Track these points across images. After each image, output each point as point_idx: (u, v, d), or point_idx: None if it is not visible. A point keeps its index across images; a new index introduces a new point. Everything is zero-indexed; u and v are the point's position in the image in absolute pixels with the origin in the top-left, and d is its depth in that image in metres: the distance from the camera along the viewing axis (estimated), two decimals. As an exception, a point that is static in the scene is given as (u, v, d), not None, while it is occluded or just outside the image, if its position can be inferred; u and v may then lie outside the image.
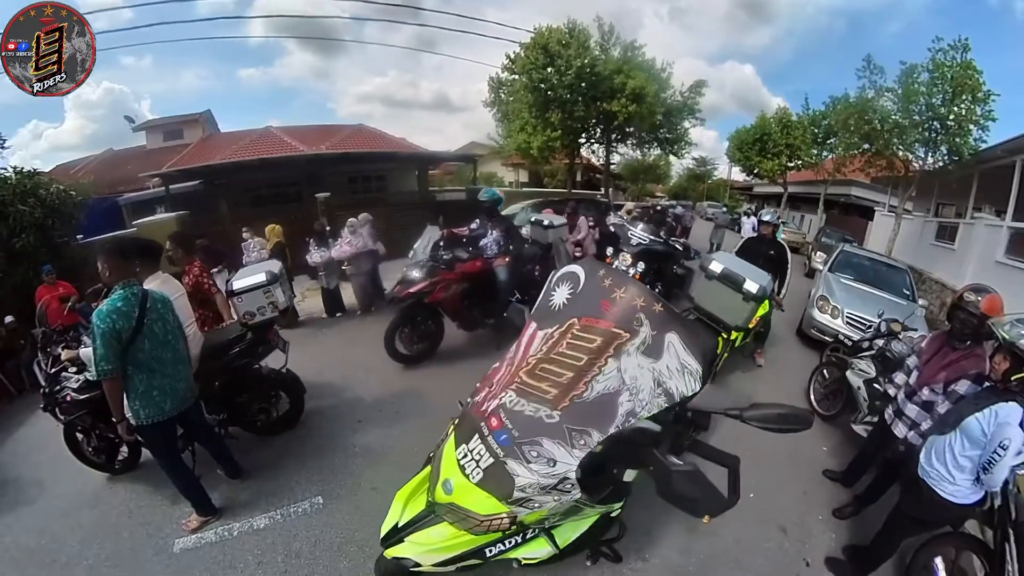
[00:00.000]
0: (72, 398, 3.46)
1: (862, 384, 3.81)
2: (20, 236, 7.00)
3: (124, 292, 2.64)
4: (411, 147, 17.87)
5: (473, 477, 1.47)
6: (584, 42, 13.58)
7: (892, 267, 7.78)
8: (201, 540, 3.05)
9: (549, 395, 1.47)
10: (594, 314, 1.54)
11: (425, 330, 5.02)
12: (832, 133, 17.11)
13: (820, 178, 19.35)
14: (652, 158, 17.77)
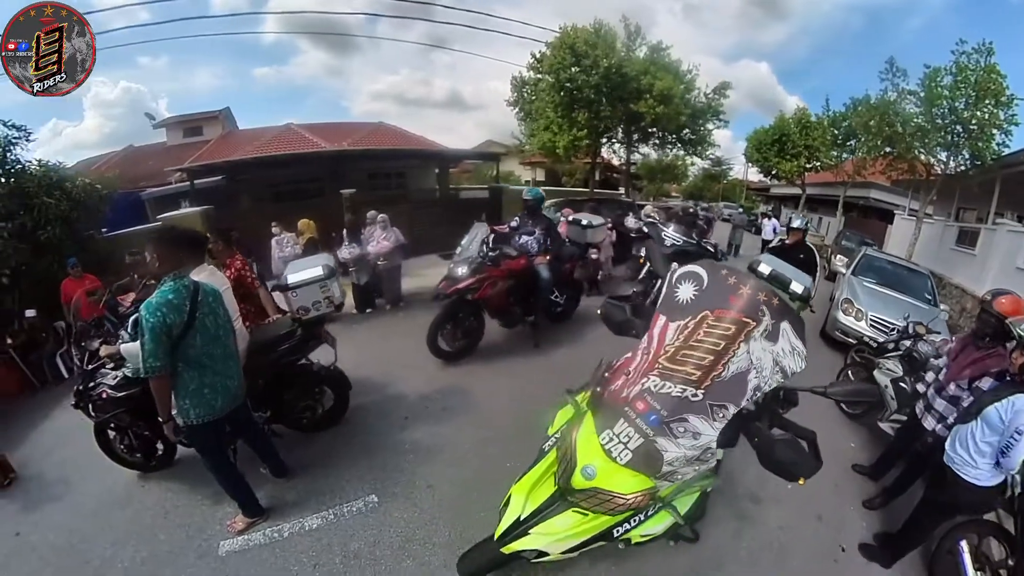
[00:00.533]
0: (108, 395, 3.35)
1: (889, 383, 3.95)
2: (45, 228, 7.00)
3: (175, 284, 2.51)
4: (431, 144, 18.05)
5: (621, 459, 1.66)
6: (611, 42, 13.63)
7: (914, 272, 7.87)
8: (249, 542, 2.98)
9: (693, 376, 1.67)
10: (724, 306, 1.75)
11: (467, 327, 5.10)
12: (852, 135, 16.94)
13: (839, 180, 19.17)
14: (670, 158, 17.83)
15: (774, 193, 29.81)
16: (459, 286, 4.73)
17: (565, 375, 4.48)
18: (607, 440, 1.69)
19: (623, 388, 1.79)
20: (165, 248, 2.60)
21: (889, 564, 2.73)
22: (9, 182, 6.93)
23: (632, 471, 1.65)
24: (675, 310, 1.86)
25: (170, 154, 18.10)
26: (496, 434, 3.79)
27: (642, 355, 1.85)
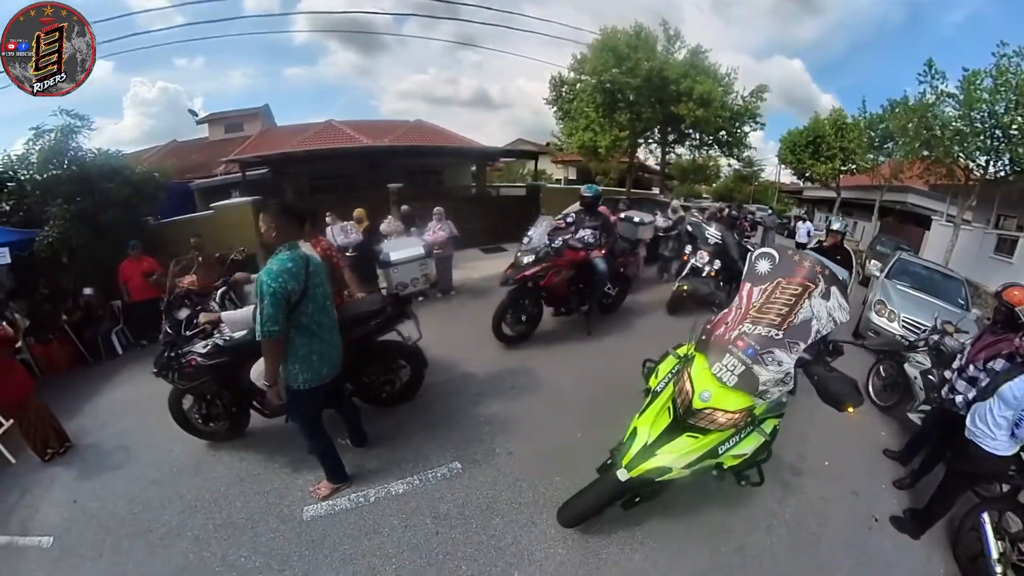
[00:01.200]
0: (198, 363, 3.42)
1: (919, 374, 4.22)
2: (106, 211, 7.30)
3: (292, 254, 2.63)
4: (468, 142, 18.50)
5: (729, 382, 2.18)
6: (652, 45, 13.87)
7: (948, 277, 7.94)
8: (334, 507, 3.09)
9: (776, 322, 2.23)
10: (792, 275, 2.34)
11: (529, 313, 5.41)
12: (890, 137, 16.64)
13: (875, 183, 18.84)
14: (702, 159, 17.93)
15: (807, 196, 29.24)
16: (527, 273, 5.05)
17: (618, 360, 4.92)
18: (718, 370, 2.21)
19: (725, 333, 2.32)
20: (284, 220, 2.70)
21: (917, 536, 2.99)
22: (71, 168, 7.30)
23: (737, 392, 2.16)
24: (757, 278, 2.44)
25: (212, 149, 18.78)
26: (564, 409, 4.10)
27: (736, 311, 2.40)
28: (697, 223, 7.24)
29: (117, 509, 3.35)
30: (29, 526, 3.35)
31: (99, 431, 4.52)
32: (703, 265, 6.45)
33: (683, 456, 2.24)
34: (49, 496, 3.66)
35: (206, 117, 21.76)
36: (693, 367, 2.31)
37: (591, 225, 5.74)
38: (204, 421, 3.83)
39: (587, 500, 2.59)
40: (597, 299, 5.84)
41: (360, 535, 2.90)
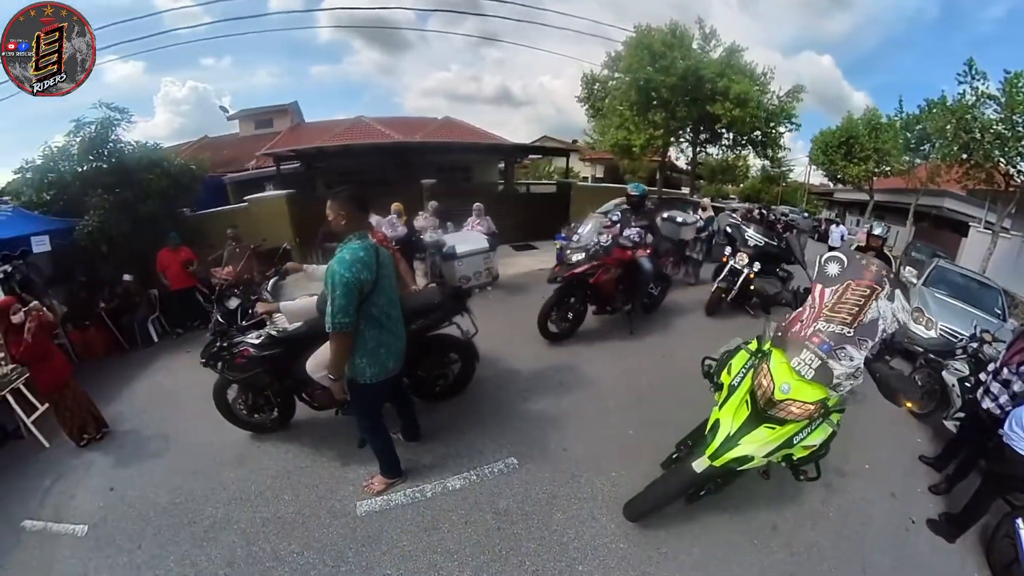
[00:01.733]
0: (250, 354, 3.35)
1: (956, 381, 4.20)
2: (145, 202, 7.53)
3: (364, 243, 2.54)
4: (497, 139, 18.62)
5: (807, 375, 2.31)
6: (688, 44, 13.78)
7: (985, 286, 7.82)
8: (389, 502, 3.04)
9: (847, 320, 2.36)
10: (861, 277, 2.47)
11: (575, 311, 5.43)
12: (926, 139, 16.17)
13: (911, 187, 18.19)
14: (732, 159, 17.74)
15: (838, 198, 28.48)
16: (577, 270, 5.09)
17: (661, 360, 5.01)
18: (796, 364, 2.34)
19: (801, 330, 2.45)
20: (354, 207, 2.60)
21: (952, 540, 3.01)
22: (111, 159, 7.56)
23: (813, 385, 2.30)
24: (828, 280, 2.58)
25: (242, 144, 19.11)
26: (613, 407, 4.13)
27: (809, 310, 2.54)
28: (737, 224, 7.24)
29: (157, 499, 3.31)
30: (63, 512, 3.33)
31: (137, 418, 4.56)
32: (742, 267, 6.48)
33: (763, 446, 2.37)
34: (85, 482, 3.65)
35: (236, 113, 22.14)
36: (771, 361, 2.43)
37: (639, 224, 5.74)
38: (249, 412, 3.79)
39: (658, 493, 2.67)
40: (641, 298, 5.88)
41: (419, 531, 2.85)
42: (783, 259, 6.98)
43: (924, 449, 4.06)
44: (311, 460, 3.56)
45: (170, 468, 3.66)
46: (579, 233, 5.48)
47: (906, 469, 3.78)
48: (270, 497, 3.23)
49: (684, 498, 2.71)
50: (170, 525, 3.07)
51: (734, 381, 2.66)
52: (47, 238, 6.40)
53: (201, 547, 2.86)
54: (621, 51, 14.81)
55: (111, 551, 2.93)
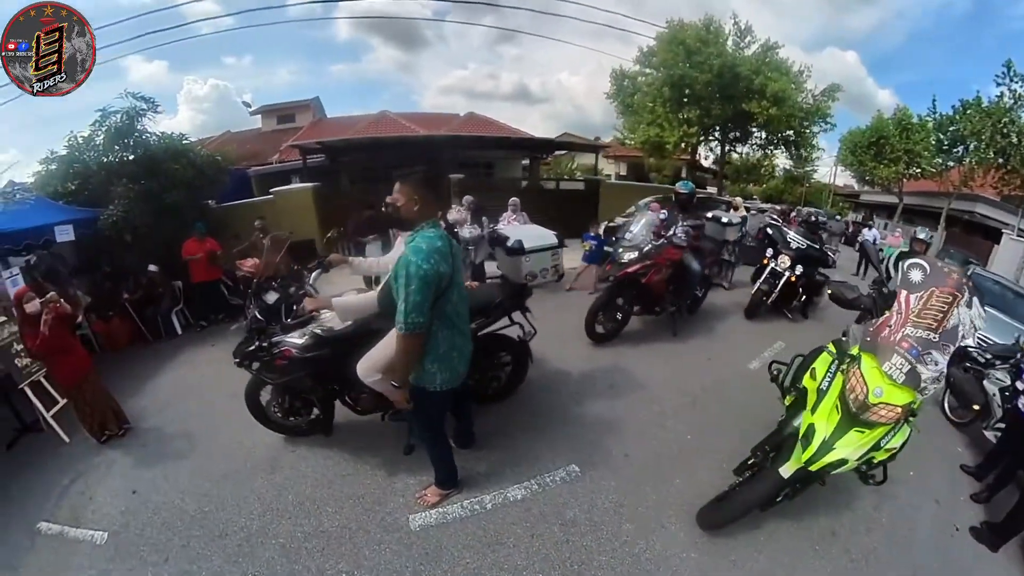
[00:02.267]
0: (293, 356, 3.06)
1: (997, 391, 4.14)
2: (170, 192, 7.43)
3: (439, 231, 2.28)
4: (521, 134, 18.63)
5: (898, 379, 2.34)
6: (723, 41, 13.63)
7: (1020, 295, 7.71)
8: (446, 515, 2.85)
9: (932, 326, 2.39)
10: (944, 285, 2.49)
11: (623, 311, 5.37)
12: (960, 141, 15.85)
13: (942, 190, 17.82)
14: (759, 158, 17.53)
15: (865, 200, 28.11)
16: (630, 270, 5.02)
17: (708, 362, 4.99)
18: (888, 368, 2.37)
19: (890, 336, 2.47)
20: (429, 191, 2.30)
21: (995, 549, 2.97)
22: (137, 149, 7.51)
23: (903, 388, 2.34)
24: (912, 287, 2.60)
25: (265, 138, 19.39)
26: (667, 411, 4.04)
27: (896, 315, 2.56)
28: (778, 226, 7.17)
29: (185, 505, 3.12)
30: (82, 516, 3.15)
31: (160, 414, 4.42)
32: (784, 270, 6.43)
33: (857, 449, 2.40)
34: (105, 483, 3.47)
35: (259, 108, 22.49)
36: (862, 366, 2.47)
37: (690, 224, 5.65)
38: (285, 415, 3.53)
39: (741, 501, 2.63)
40: (687, 300, 5.83)
41: (482, 547, 2.66)
42: (823, 263, 6.93)
43: (964, 458, 4.02)
44: (353, 468, 3.33)
45: (197, 471, 3.46)
46: (631, 231, 5.40)
47: (948, 477, 3.75)
48: (311, 509, 3.01)
49: (757, 508, 2.71)
50: (200, 536, 2.86)
51: (821, 385, 2.66)
52: (71, 227, 6.32)
53: (236, 563, 2.65)
54: (653, 47, 14.69)
55: (133, 563, 2.72)
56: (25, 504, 3.37)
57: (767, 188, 29.10)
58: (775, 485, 2.56)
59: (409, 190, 2.26)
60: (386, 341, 2.71)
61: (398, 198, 2.28)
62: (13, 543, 3.05)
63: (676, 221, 5.53)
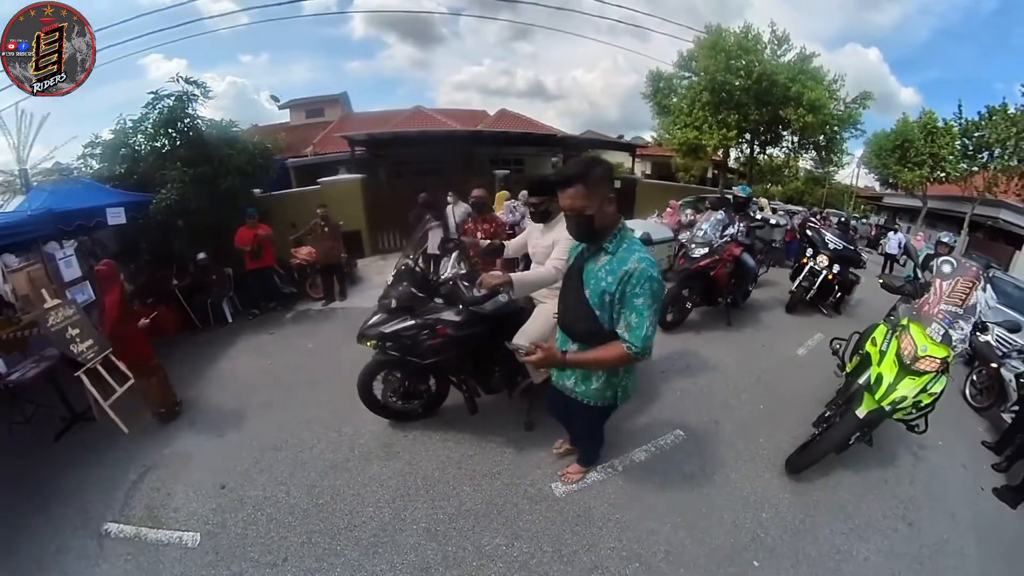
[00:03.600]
0: (447, 334, 3.09)
1: (1013, 377, 4.78)
2: (225, 178, 7.22)
3: (634, 238, 2.07)
4: (554, 131, 19.05)
5: (937, 339, 3.07)
6: (762, 48, 14.16)
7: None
8: (584, 481, 3.11)
9: (959, 303, 3.17)
10: (966, 275, 3.29)
11: (692, 302, 5.97)
12: (985, 147, 16.21)
13: (966, 195, 18.11)
14: (785, 160, 17.94)
15: (888, 204, 28.33)
16: (702, 263, 5.65)
17: (762, 347, 5.64)
18: (930, 332, 3.13)
19: (929, 310, 3.28)
20: (611, 184, 2.03)
21: (1015, 506, 3.56)
22: (190, 134, 7.28)
23: (941, 346, 3.06)
24: (944, 276, 3.40)
25: (294, 132, 19.54)
26: (739, 386, 4.63)
27: (933, 296, 3.36)
28: (817, 228, 7.81)
29: (292, 500, 3.00)
30: (162, 516, 2.94)
31: (231, 403, 4.32)
32: (822, 269, 7.03)
33: (911, 390, 3.06)
34: (184, 479, 3.28)
35: (288, 103, 22.63)
36: (911, 331, 3.23)
37: (752, 224, 6.31)
38: (405, 398, 3.59)
39: (825, 443, 3.27)
40: (742, 293, 6.46)
41: (624, 502, 2.98)
42: (856, 263, 7.52)
43: (984, 437, 4.62)
44: (476, 448, 3.44)
45: (295, 462, 3.31)
46: (704, 228, 6.01)
47: (971, 450, 4.33)
48: (446, 491, 3.05)
49: (834, 451, 3.30)
50: (323, 531, 2.75)
51: (882, 348, 3.38)
52: (122, 210, 6.16)
53: (376, 554, 2.60)
54: (692, 51, 15.18)
55: (243, 565, 2.56)
56: (84, 503, 3.09)
57: (787, 189, 29.33)
58: (852, 426, 3.21)
59: (591, 190, 1.93)
60: (537, 316, 3.19)
61: (581, 204, 1.94)
62: (78, 548, 2.76)
63: (733, 221, 6.16)
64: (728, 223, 6.11)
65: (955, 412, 4.89)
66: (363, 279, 8.76)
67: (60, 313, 4.20)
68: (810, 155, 16.41)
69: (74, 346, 4.11)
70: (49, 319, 4.10)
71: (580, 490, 3.06)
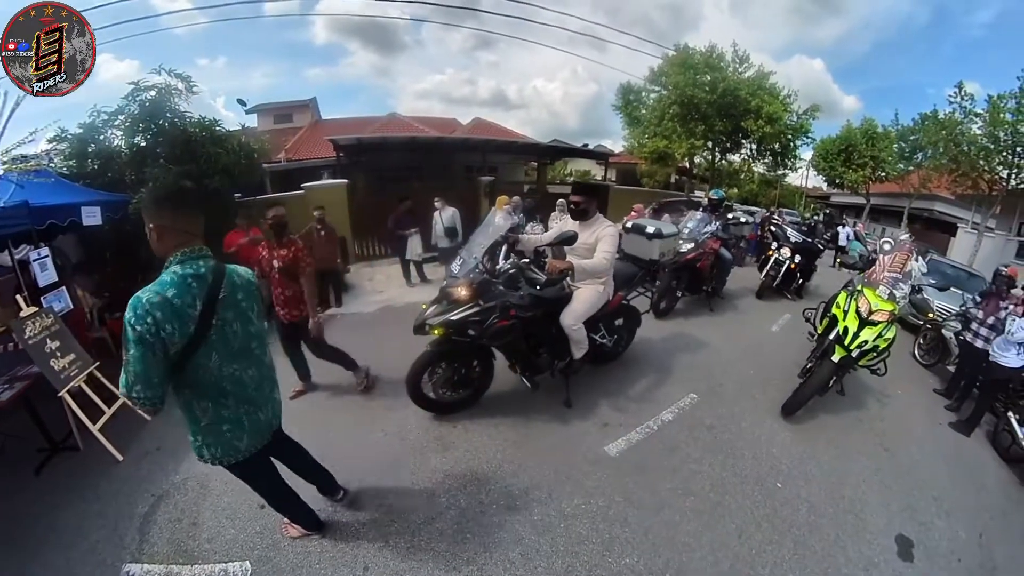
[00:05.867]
0: (516, 315, 3.42)
1: (952, 335, 5.94)
2: (212, 177, 6.84)
3: None
4: (528, 140, 19.73)
5: (885, 297, 4.07)
6: (725, 66, 15.58)
7: (971, 275, 9.43)
8: (631, 440, 3.63)
9: (898, 271, 4.21)
10: (903, 250, 4.41)
11: (680, 291, 6.76)
12: (919, 149, 17.84)
13: (904, 191, 20.07)
14: (737, 165, 19.36)
15: (836, 202, 30.58)
16: (689, 256, 6.44)
17: (742, 327, 6.62)
18: (880, 292, 4.11)
19: (877, 276, 4.30)
20: None
21: (968, 434, 4.57)
22: (174, 130, 6.79)
23: (888, 302, 4.05)
24: (885, 252, 4.49)
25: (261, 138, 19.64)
26: (730, 359, 5.37)
27: (880, 267, 4.39)
28: (779, 224, 8.83)
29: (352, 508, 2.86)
30: (193, 548, 2.62)
31: None
32: (785, 260, 7.95)
33: (871, 336, 3.96)
34: (208, 504, 2.95)
35: (256, 107, 21.76)
36: (865, 293, 4.19)
37: (723, 222, 7.22)
38: (455, 388, 3.77)
39: (810, 387, 4.10)
40: (721, 282, 7.33)
41: (667, 452, 3.55)
42: (815, 254, 8.50)
43: (935, 386, 5.71)
44: (526, 427, 3.72)
45: (342, 469, 2.92)
46: (688, 226, 6.83)
47: (926, 397, 5.37)
48: (513, 469, 3.23)
49: (818, 392, 4.13)
50: (398, 531, 2.68)
51: (845, 308, 4.23)
52: (99, 210, 5.53)
53: (463, 540, 2.64)
54: (662, 67, 16.53)
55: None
56: (91, 544, 2.71)
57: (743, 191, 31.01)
58: (829, 370, 4.08)
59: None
60: (579, 296, 3.72)
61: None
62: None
63: (711, 220, 6.99)
64: (708, 221, 6.96)
65: (908, 369, 6.00)
66: (354, 286, 8.71)
67: (39, 323, 3.68)
68: (766, 160, 17.82)
69: (55, 361, 3.60)
70: (26, 329, 3.56)
71: (629, 448, 3.55)
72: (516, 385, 4.07)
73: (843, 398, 4.65)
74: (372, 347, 5.12)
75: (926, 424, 4.68)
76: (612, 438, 3.67)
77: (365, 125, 18.88)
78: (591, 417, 3.94)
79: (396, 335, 4.79)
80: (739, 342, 5.92)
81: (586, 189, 3.88)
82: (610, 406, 4.12)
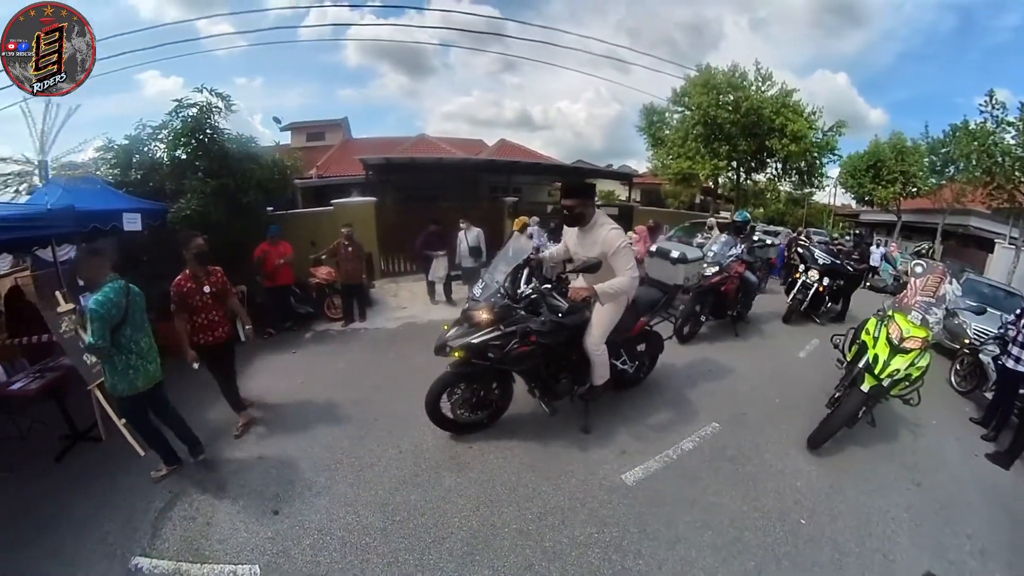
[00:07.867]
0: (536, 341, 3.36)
1: (990, 360, 5.64)
2: (247, 192, 7.11)
3: None
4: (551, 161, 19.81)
5: (917, 323, 3.88)
6: (748, 84, 15.52)
7: (1010, 294, 9.05)
8: (648, 469, 3.55)
9: (931, 295, 4.03)
10: (935, 273, 4.23)
11: (704, 315, 6.69)
12: (951, 162, 17.38)
13: (936, 207, 19.43)
14: (765, 184, 19.12)
15: (865, 220, 29.77)
16: (713, 280, 6.41)
17: (769, 353, 6.49)
18: (911, 318, 3.92)
19: (909, 301, 4.10)
20: None
21: (1007, 466, 4.25)
22: (213, 146, 7.10)
23: (921, 328, 3.86)
24: (918, 276, 4.31)
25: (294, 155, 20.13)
26: (756, 385, 5.30)
27: (911, 290, 4.21)
28: (807, 246, 8.70)
29: (365, 521, 2.92)
30: (204, 548, 2.70)
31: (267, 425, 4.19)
32: (813, 283, 7.76)
33: (902, 364, 3.80)
34: (225, 506, 3.05)
35: (289, 125, 22.44)
36: (896, 319, 4.01)
37: (748, 245, 7.16)
38: (473, 409, 3.78)
39: (837, 418, 3.93)
40: (747, 306, 7.23)
41: (686, 483, 3.45)
42: (842, 276, 8.31)
43: (971, 414, 5.44)
44: (543, 451, 3.70)
45: (357, 483, 3.18)
46: (713, 250, 6.82)
47: (961, 425, 5.12)
48: (527, 493, 3.21)
49: (847, 424, 3.97)
50: (408, 547, 2.71)
51: (875, 334, 4.13)
52: (139, 216, 5.81)
53: (473, 561, 2.65)
54: (684, 87, 16.52)
55: None
56: (102, 534, 2.81)
57: (769, 211, 30.54)
58: (859, 400, 3.91)
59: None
60: (597, 315, 3.63)
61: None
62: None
63: (736, 243, 6.95)
64: (733, 244, 6.91)
65: (943, 397, 5.75)
66: (378, 301, 8.89)
67: (74, 319, 3.95)
68: (792, 179, 17.60)
69: (88, 356, 3.84)
70: (62, 324, 3.82)
71: (646, 477, 3.49)
72: (534, 408, 4.07)
73: (873, 429, 4.37)
74: (393, 362, 5.26)
75: (961, 456, 4.45)
76: (630, 466, 3.63)
77: (394, 145, 19.43)
78: (609, 444, 3.92)
79: (417, 352, 4.92)
80: (764, 369, 5.84)
81: (577, 190, 3.48)
82: (629, 433, 4.08)
